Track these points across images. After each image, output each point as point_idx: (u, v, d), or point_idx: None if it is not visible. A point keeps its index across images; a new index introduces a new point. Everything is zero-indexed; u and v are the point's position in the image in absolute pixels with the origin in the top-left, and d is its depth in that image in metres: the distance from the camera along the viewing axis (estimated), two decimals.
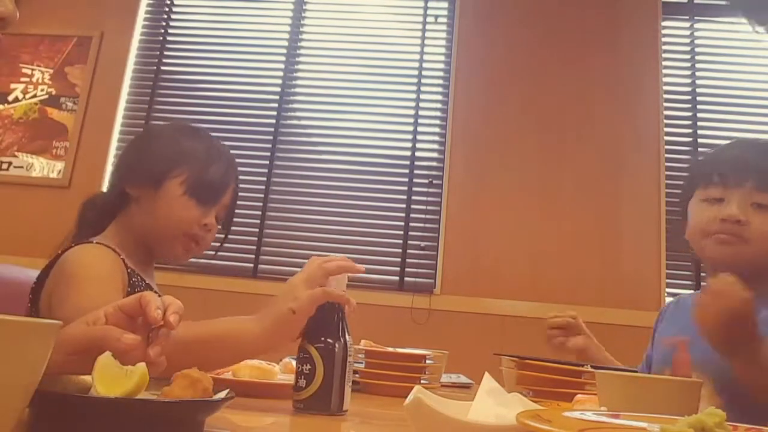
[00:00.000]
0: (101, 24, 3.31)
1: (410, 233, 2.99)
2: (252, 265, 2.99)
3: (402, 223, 3.00)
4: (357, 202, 3.05)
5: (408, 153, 3.10)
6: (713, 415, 0.48)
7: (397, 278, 2.93)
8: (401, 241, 2.98)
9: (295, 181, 3.11)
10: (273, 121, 3.19)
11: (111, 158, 3.15)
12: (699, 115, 3.03)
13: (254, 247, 3.02)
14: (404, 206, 3.02)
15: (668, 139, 2.99)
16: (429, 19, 3.26)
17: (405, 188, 3.04)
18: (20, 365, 0.46)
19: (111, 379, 0.56)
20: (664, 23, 3.13)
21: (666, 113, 3.02)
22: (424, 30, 3.25)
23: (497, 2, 3.21)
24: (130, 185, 1.22)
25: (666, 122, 3.01)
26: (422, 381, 1.27)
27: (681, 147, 3.00)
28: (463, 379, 1.65)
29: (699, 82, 3.08)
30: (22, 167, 3.17)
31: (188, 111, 3.24)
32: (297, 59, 3.29)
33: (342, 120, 3.19)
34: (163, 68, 3.31)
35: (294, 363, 0.93)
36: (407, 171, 3.07)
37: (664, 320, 1.37)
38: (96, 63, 3.27)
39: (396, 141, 3.15)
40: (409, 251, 2.97)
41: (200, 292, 2.82)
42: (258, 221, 3.04)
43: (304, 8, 3.33)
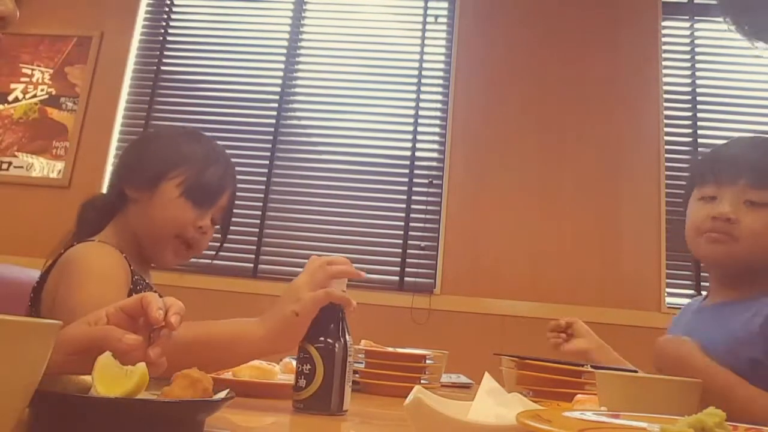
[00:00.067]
0: (101, 24, 3.32)
1: (410, 233, 2.99)
2: (252, 265, 2.99)
3: (402, 223, 3.00)
4: (357, 202, 3.05)
5: (408, 153, 3.10)
6: (713, 415, 0.48)
7: (397, 278, 2.93)
8: (401, 241, 2.98)
9: (295, 181, 3.11)
10: (273, 121, 3.19)
11: (111, 158, 3.15)
12: (699, 115, 3.03)
13: (254, 247, 3.02)
14: (404, 206, 3.02)
15: (668, 139, 2.99)
16: (429, 19, 3.26)
17: (405, 188, 3.05)
18: (20, 365, 0.46)
19: (111, 379, 0.56)
20: (664, 23, 3.13)
21: (666, 113, 3.02)
22: (424, 30, 3.25)
23: (497, 2, 3.21)
24: (128, 186, 1.23)
25: (666, 122, 3.01)
26: (422, 381, 1.26)
27: (681, 147, 3.00)
28: (463, 379, 1.65)
29: (699, 82, 3.08)
30: (22, 167, 3.18)
31: (188, 111, 3.24)
32: (297, 59, 3.29)
33: (342, 120, 3.19)
34: (163, 68, 3.31)
35: (294, 363, 0.93)
36: (407, 171, 3.07)
37: (675, 323, 1.37)
38: (96, 63, 3.27)
39: (396, 141, 3.15)
40: (409, 251, 2.97)
41: (200, 292, 2.82)
42: (258, 221, 3.04)
43: (304, 8, 3.34)
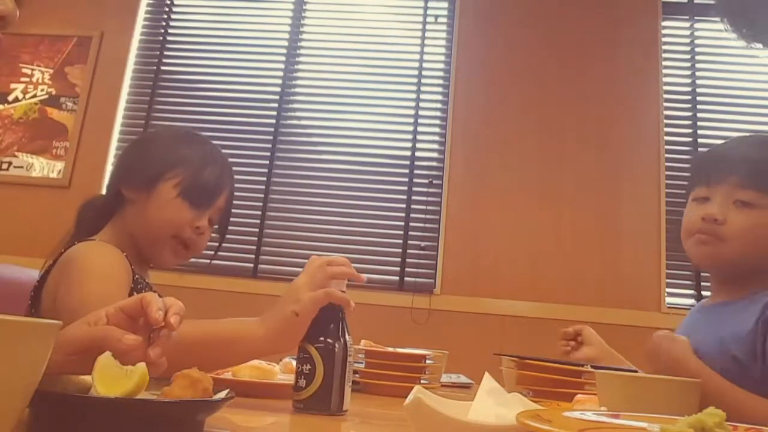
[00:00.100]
0: (101, 24, 3.32)
1: (410, 233, 2.99)
2: (252, 265, 2.99)
3: (402, 223, 3.00)
4: (357, 202, 3.05)
5: (408, 153, 3.10)
6: (713, 415, 0.48)
7: (397, 278, 2.93)
8: (401, 241, 2.98)
9: (295, 181, 3.11)
10: (273, 121, 3.19)
11: (111, 158, 3.15)
12: (699, 115, 3.03)
13: (254, 247, 3.02)
14: (404, 206, 3.02)
15: (668, 139, 2.99)
16: (429, 19, 3.26)
17: (405, 188, 3.04)
18: (20, 365, 0.46)
19: (111, 379, 0.56)
20: (664, 23, 3.13)
21: (666, 113, 3.02)
22: (424, 30, 3.25)
23: (497, 2, 3.21)
24: (126, 186, 1.24)
25: (666, 122, 3.01)
26: (422, 381, 1.26)
27: (681, 147, 3.00)
28: (463, 379, 1.65)
29: (699, 82, 3.08)
30: (22, 167, 3.18)
31: (188, 111, 3.24)
32: (297, 59, 3.29)
33: (342, 120, 3.19)
34: (163, 68, 3.31)
35: (294, 363, 0.93)
36: (407, 171, 3.07)
37: (682, 324, 1.37)
38: (96, 63, 3.27)
39: (396, 141, 3.15)
40: (409, 251, 2.97)
41: (200, 292, 2.82)
42: (258, 221, 3.04)
43: (304, 8, 3.34)
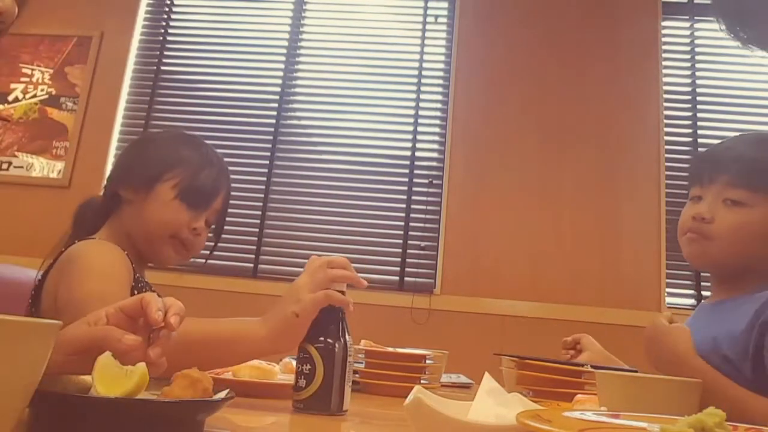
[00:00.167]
0: (101, 24, 3.32)
1: (410, 233, 2.99)
2: (252, 265, 2.99)
3: (402, 223, 3.00)
4: (357, 202, 3.05)
5: (408, 153, 3.10)
6: (713, 415, 0.48)
7: (397, 278, 2.93)
8: (401, 241, 2.98)
9: (295, 181, 3.11)
10: (273, 121, 3.19)
11: (111, 158, 3.15)
12: (699, 115, 3.03)
13: (254, 247, 3.02)
14: (404, 206, 3.02)
15: (668, 139, 2.99)
16: (429, 19, 3.26)
17: (405, 188, 3.04)
18: (20, 365, 0.46)
19: (111, 379, 0.56)
20: (664, 23, 3.13)
21: (666, 113, 3.02)
22: (424, 30, 3.25)
23: (497, 2, 3.21)
24: (123, 187, 1.24)
25: (666, 122, 3.01)
26: (422, 381, 1.26)
27: (681, 147, 3.00)
28: (463, 379, 1.65)
29: (699, 82, 3.08)
30: (22, 167, 3.18)
31: (188, 111, 3.24)
32: (297, 59, 3.29)
33: (342, 120, 3.19)
34: (163, 68, 3.31)
35: (294, 363, 0.93)
36: (407, 171, 3.07)
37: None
38: (96, 63, 3.27)
39: (396, 141, 3.15)
40: (409, 251, 2.97)
41: (200, 292, 2.82)
42: (258, 221, 3.04)
43: (304, 8, 3.34)
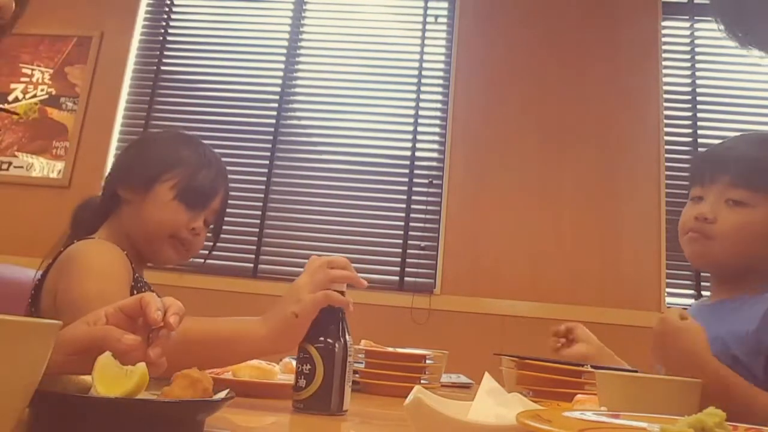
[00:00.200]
0: (101, 24, 3.31)
1: (410, 233, 2.99)
2: (252, 265, 2.99)
3: (402, 223, 3.00)
4: (357, 202, 3.05)
5: (408, 153, 3.10)
6: (713, 415, 0.48)
7: (397, 278, 2.93)
8: (401, 241, 2.98)
9: (295, 181, 3.11)
10: (273, 121, 3.19)
11: (111, 158, 3.15)
12: (699, 115, 3.03)
13: (254, 247, 3.02)
14: (404, 206, 3.02)
15: (668, 139, 2.99)
16: (429, 19, 3.26)
17: (405, 188, 3.04)
18: (20, 365, 0.46)
19: (111, 379, 0.56)
20: (664, 23, 3.13)
21: (666, 113, 3.02)
22: (424, 30, 3.25)
23: (497, 2, 3.21)
24: (122, 188, 1.24)
25: (666, 122, 3.01)
26: (422, 381, 1.26)
27: (681, 147, 3.00)
28: (463, 379, 1.65)
29: (699, 82, 3.08)
30: (22, 167, 3.18)
31: (188, 111, 3.24)
32: (297, 59, 3.29)
33: (342, 120, 3.19)
34: (163, 68, 3.31)
35: (294, 363, 0.93)
36: (407, 171, 3.07)
37: None
38: (96, 63, 3.27)
39: (396, 141, 3.15)
40: (409, 251, 2.97)
41: (200, 292, 2.82)
42: (258, 221, 3.04)
43: (304, 8, 3.33)
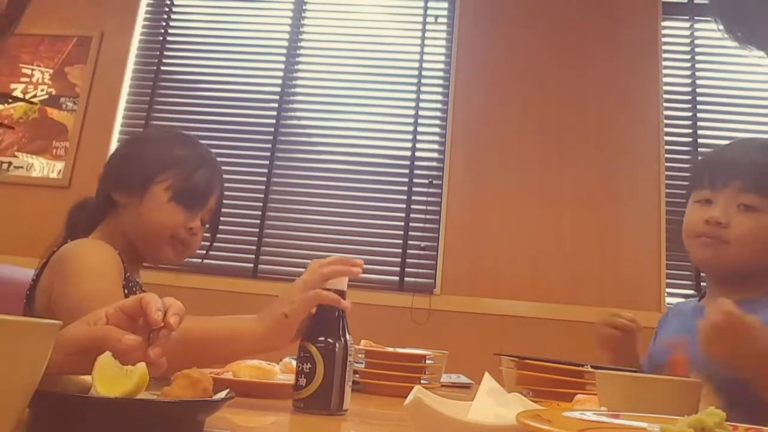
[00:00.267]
0: (101, 24, 3.31)
1: (410, 233, 2.99)
2: (252, 265, 2.99)
3: (402, 223, 3.00)
4: (357, 202, 3.05)
5: (408, 153, 3.10)
6: (713, 415, 0.48)
7: (397, 278, 2.93)
8: (401, 241, 2.98)
9: (295, 181, 3.11)
10: (273, 121, 3.19)
11: None
12: (699, 115, 3.03)
13: (254, 247, 3.02)
14: (404, 206, 3.02)
15: (668, 139, 2.99)
16: (429, 19, 3.25)
17: (405, 188, 3.04)
18: (20, 365, 0.46)
19: (111, 379, 0.56)
20: (664, 23, 3.13)
21: (666, 113, 3.02)
22: (424, 30, 3.25)
23: (497, 2, 3.21)
24: (116, 191, 1.24)
25: (666, 122, 3.01)
26: (422, 381, 1.26)
27: (681, 147, 3.00)
28: (463, 379, 1.65)
29: (699, 82, 3.08)
30: (22, 167, 3.17)
31: (188, 111, 3.24)
32: (297, 59, 3.29)
33: (342, 120, 3.19)
34: (163, 68, 3.31)
35: (294, 363, 0.93)
36: (407, 171, 3.07)
37: (665, 323, 1.37)
38: (96, 63, 3.27)
39: (396, 141, 3.15)
40: (409, 251, 2.97)
41: (200, 292, 2.82)
42: (258, 221, 3.04)
43: (304, 8, 3.33)
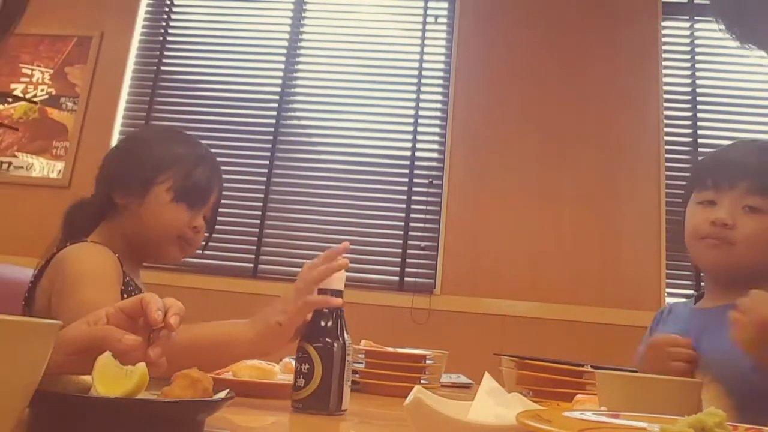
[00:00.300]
0: (101, 24, 3.31)
1: (410, 233, 2.99)
2: (252, 265, 2.99)
3: (402, 223, 3.00)
4: (357, 203, 3.05)
5: (408, 153, 3.10)
6: (713, 415, 0.48)
7: (397, 278, 2.93)
8: (401, 241, 2.98)
9: (295, 181, 3.11)
10: (273, 121, 3.19)
11: None
12: (699, 115, 3.03)
13: (254, 247, 3.02)
14: (404, 206, 3.02)
15: (668, 139, 2.99)
16: (429, 19, 3.25)
17: (405, 188, 3.04)
18: (20, 365, 0.46)
19: (111, 379, 0.56)
20: (664, 23, 3.13)
21: (666, 113, 3.02)
22: (424, 30, 3.25)
23: (497, 2, 3.21)
24: (118, 194, 1.23)
25: (666, 122, 3.01)
26: (422, 381, 1.27)
27: (681, 147, 3.00)
28: (463, 379, 1.65)
29: (699, 82, 3.07)
30: (22, 167, 3.17)
31: (188, 111, 3.24)
32: (297, 59, 3.29)
33: (342, 120, 3.19)
34: (163, 68, 3.31)
35: (294, 363, 0.93)
36: (407, 171, 3.07)
37: (663, 326, 1.36)
38: (96, 63, 3.27)
39: (396, 141, 3.15)
40: (409, 251, 2.97)
41: (200, 292, 2.82)
42: (258, 221, 3.04)
43: (304, 8, 3.33)
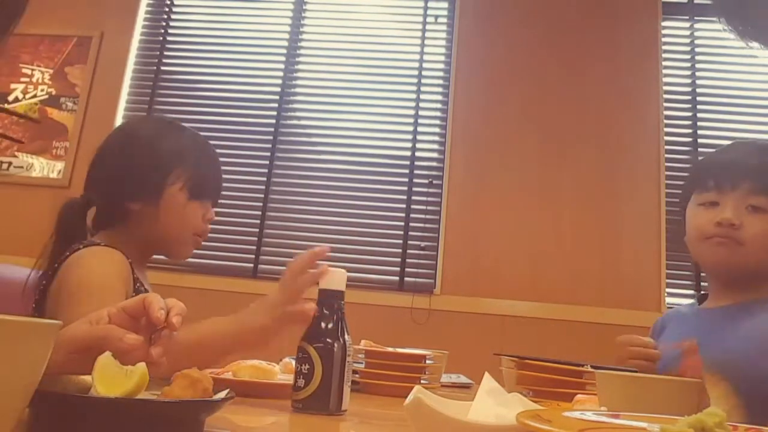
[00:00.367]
0: (101, 24, 3.31)
1: (410, 233, 2.99)
2: (252, 265, 2.99)
3: (402, 223, 3.00)
4: (357, 202, 3.05)
5: (408, 153, 3.10)
6: (713, 415, 0.48)
7: (397, 278, 2.93)
8: (401, 241, 2.98)
9: (295, 181, 3.11)
10: (273, 121, 3.19)
11: None
12: (699, 115, 3.03)
13: (254, 247, 3.02)
14: (404, 206, 3.02)
15: (668, 139, 2.99)
16: (429, 19, 3.25)
17: (405, 188, 3.04)
18: (20, 365, 0.46)
19: (111, 379, 0.56)
20: (664, 23, 3.13)
21: (666, 113, 3.02)
22: (424, 30, 3.25)
23: (497, 2, 3.21)
24: (131, 201, 1.20)
25: (666, 122, 3.01)
26: (422, 381, 1.27)
27: (681, 147, 3.00)
28: (463, 379, 1.65)
29: (699, 82, 3.07)
30: (22, 167, 3.17)
31: (188, 111, 3.24)
32: (297, 59, 3.29)
33: (342, 120, 3.19)
34: (163, 68, 3.31)
35: (294, 363, 0.93)
36: (407, 171, 3.07)
37: (667, 328, 1.36)
38: (96, 63, 3.27)
39: (396, 141, 3.15)
40: (409, 251, 2.97)
41: (200, 292, 2.82)
42: (258, 221, 3.04)
43: (304, 8, 3.33)
